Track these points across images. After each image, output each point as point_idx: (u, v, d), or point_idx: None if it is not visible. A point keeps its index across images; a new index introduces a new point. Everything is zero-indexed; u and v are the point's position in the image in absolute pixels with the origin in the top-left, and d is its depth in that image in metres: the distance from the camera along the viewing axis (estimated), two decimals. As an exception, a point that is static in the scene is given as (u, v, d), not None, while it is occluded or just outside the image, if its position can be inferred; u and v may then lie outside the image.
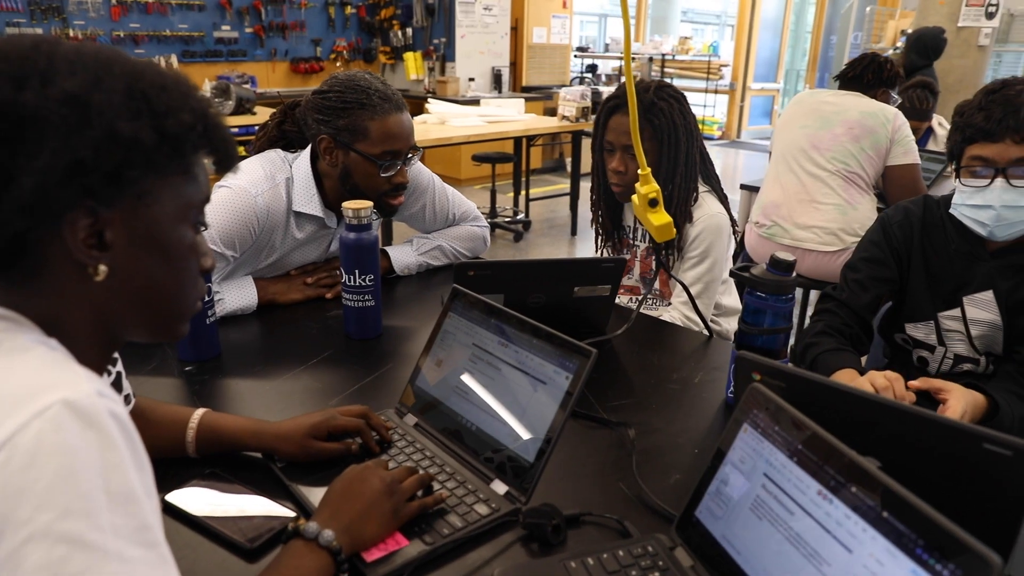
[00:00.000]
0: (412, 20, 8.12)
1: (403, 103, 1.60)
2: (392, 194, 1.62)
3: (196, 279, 0.74)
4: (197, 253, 0.73)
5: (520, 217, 6.02)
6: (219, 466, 1.03)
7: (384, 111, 1.55)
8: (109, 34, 6.69)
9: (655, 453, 1.09)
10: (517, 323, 1.03)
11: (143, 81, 0.63)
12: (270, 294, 1.62)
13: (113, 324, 0.68)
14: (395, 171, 1.59)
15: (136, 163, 0.63)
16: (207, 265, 0.75)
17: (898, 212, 1.49)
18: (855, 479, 0.68)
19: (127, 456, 0.56)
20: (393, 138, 1.56)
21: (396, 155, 1.58)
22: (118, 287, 0.65)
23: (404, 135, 1.58)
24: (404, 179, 1.62)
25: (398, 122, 1.57)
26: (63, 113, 0.58)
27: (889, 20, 8.78)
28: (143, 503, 0.56)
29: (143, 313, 0.69)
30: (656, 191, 1.25)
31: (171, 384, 1.29)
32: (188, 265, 0.71)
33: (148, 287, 0.68)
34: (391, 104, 1.56)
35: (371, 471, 0.89)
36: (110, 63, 0.62)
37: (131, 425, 0.59)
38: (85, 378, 0.58)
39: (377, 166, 1.56)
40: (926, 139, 3.78)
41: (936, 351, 1.47)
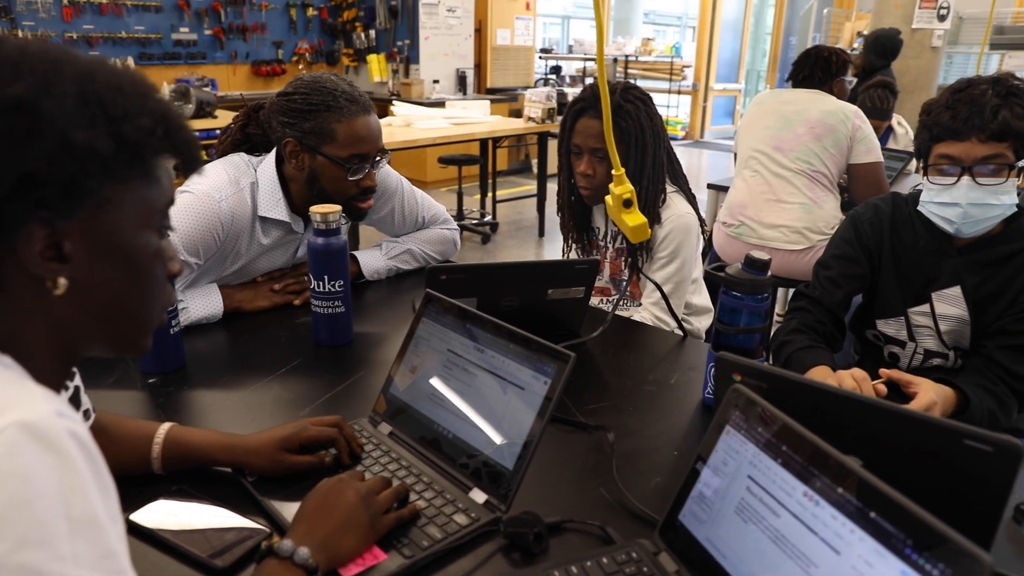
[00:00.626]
0: (375, 22, 8.05)
1: (370, 105, 1.57)
2: (360, 198, 1.59)
3: (163, 287, 0.70)
4: (163, 258, 0.69)
5: (487, 219, 6.00)
6: (187, 483, 0.99)
7: (351, 113, 1.52)
8: (61, 35, 6.50)
9: (634, 456, 1.08)
10: (492, 328, 1.01)
11: (96, 83, 0.59)
12: (236, 301, 1.57)
13: (73, 339, 0.65)
14: (363, 174, 1.56)
15: (93, 173, 0.59)
16: (175, 269, 0.72)
17: (868, 209, 1.50)
18: (841, 480, 0.67)
19: (89, 479, 0.53)
20: (361, 141, 1.53)
21: (364, 158, 1.55)
22: (79, 300, 0.62)
23: (372, 137, 1.55)
24: (372, 182, 1.59)
25: (365, 124, 1.54)
26: (9, 122, 0.54)
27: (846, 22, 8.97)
28: (107, 529, 0.53)
29: (106, 326, 0.66)
30: (630, 192, 1.24)
31: (134, 398, 1.25)
32: (154, 273, 0.68)
33: (111, 299, 0.65)
34: (358, 106, 1.53)
35: (346, 484, 0.87)
36: (59, 64, 0.58)
37: (93, 446, 0.55)
38: (42, 397, 0.54)
39: (345, 169, 1.53)
40: (886, 138, 3.86)
41: (907, 347, 1.49)
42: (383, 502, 0.88)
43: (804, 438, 0.72)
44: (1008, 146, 1.26)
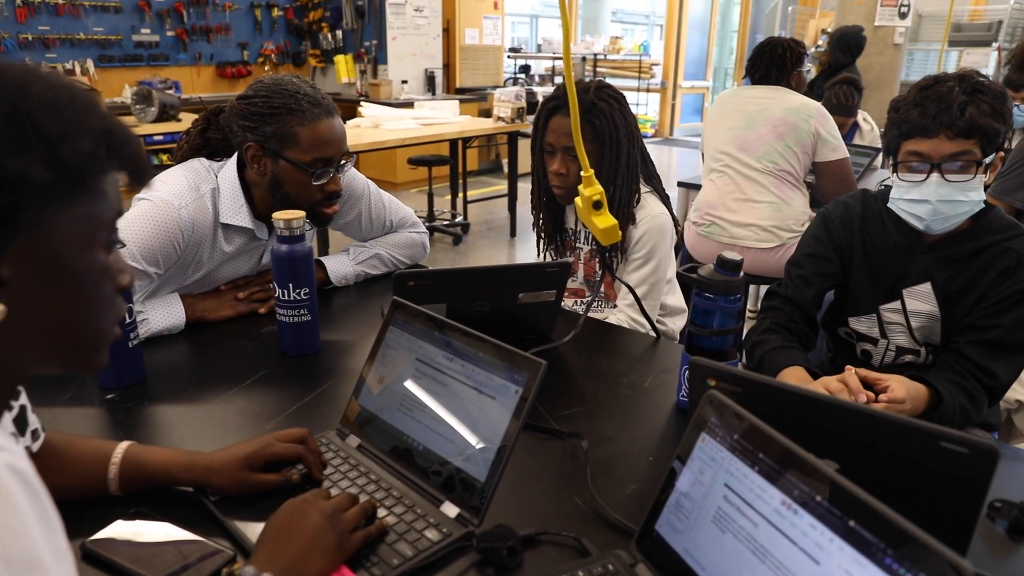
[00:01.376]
0: (342, 22, 7.97)
1: (334, 107, 1.53)
2: (326, 203, 1.55)
3: (112, 302, 0.66)
4: (111, 273, 0.65)
5: (459, 220, 5.96)
6: (146, 504, 0.95)
7: (314, 116, 1.48)
8: (15, 37, 6.32)
9: (609, 463, 1.06)
10: (462, 335, 0.99)
11: (29, 100, 0.55)
12: (199, 312, 1.52)
13: (17, 363, 0.61)
14: (328, 179, 1.52)
15: (28, 203, 0.55)
16: (124, 282, 0.68)
17: (838, 207, 1.50)
18: (819, 488, 0.66)
19: (30, 516, 0.49)
20: (324, 144, 1.49)
21: (328, 162, 1.51)
22: (21, 324, 0.58)
23: (336, 141, 1.51)
24: (337, 187, 1.55)
25: (329, 128, 1.50)
26: None
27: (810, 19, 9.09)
28: (50, 569, 0.50)
29: (53, 348, 0.62)
30: (600, 193, 1.22)
31: (91, 415, 1.20)
32: (101, 290, 0.64)
33: (56, 321, 0.61)
34: (321, 109, 1.49)
35: (310, 503, 0.83)
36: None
37: (34, 478, 0.52)
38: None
39: (308, 174, 1.49)
40: (852, 134, 3.90)
41: (879, 344, 1.49)
42: (350, 520, 0.85)
43: (780, 444, 0.71)
44: (975, 143, 1.27)
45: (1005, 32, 8.01)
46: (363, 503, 0.89)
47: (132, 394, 1.25)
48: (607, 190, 1.70)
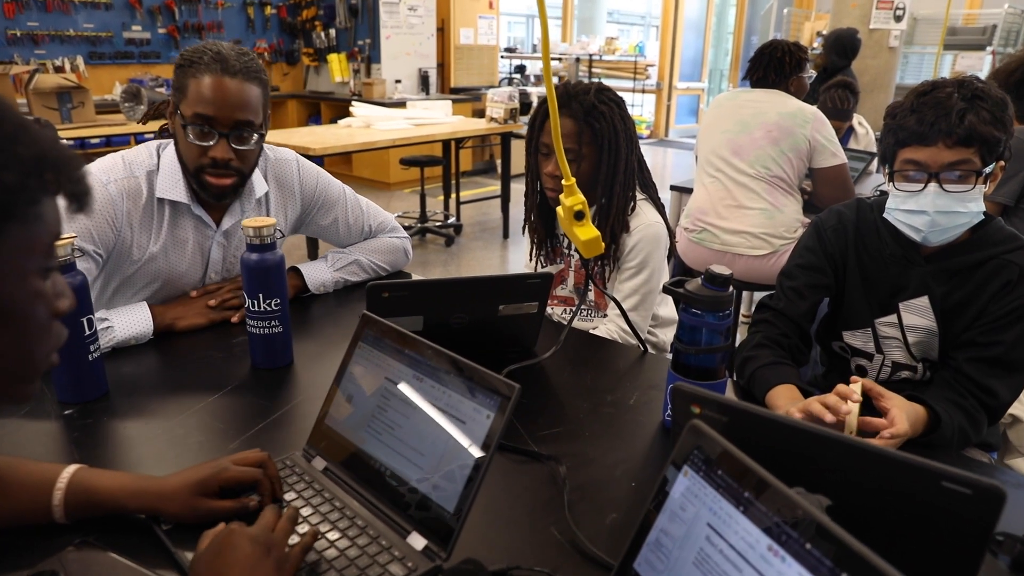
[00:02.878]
0: (335, 21, 7.90)
1: (243, 71, 1.40)
2: (211, 171, 1.43)
3: (46, 330, 0.62)
4: (46, 299, 0.60)
5: (451, 221, 5.90)
6: (94, 532, 0.89)
7: (209, 70, 1.37)
8: (3, 33, 6.25)
9: (590, 489, 1.01)
10: (432, 354, 0.93)
11: None
12: (168, 319, 1.46)
13: None
14: (208, 142, 1.41)
15: None
16: (63, 307, 0.63)
17: (832, 216, 1.45)
18: (809, 535, 0.60)
19: None
20: (205, 101, 1.38)
21: (209, 121, 1.39)
22: None
23: (224, 101, 1.38)
24: (222, 154, 1.41)
25: (217, 84, 1.37)
26: None
27: (805, 21, 9.07)
28: None
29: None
30: (582, 203, 1.16)
31: (46, 431, 1.14)
32: (32, 319, 0.59)
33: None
34: (221, 65, 1.38)
35: (237, 534, 0.76)
36: None
37: None
38: None
39: (185, 129, 1.41)
40: (847, 138, 3.85)
41: (874, 359, 1.44)
42: (281, 537, 0.79)
43: (768, 483, 0.65)
44: (975, 151, 1.21)
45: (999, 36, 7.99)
46: (287, 512, 0.83)
47: (92, 410, 1.19)
48: (604, 196, 1.65)
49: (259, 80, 1.44)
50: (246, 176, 1.49)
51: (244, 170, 1.47)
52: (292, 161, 1.68)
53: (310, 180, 1.69)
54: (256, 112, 1.43)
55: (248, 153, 1.46)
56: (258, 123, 1.44)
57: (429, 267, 5.02)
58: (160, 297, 1.54)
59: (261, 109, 1.45)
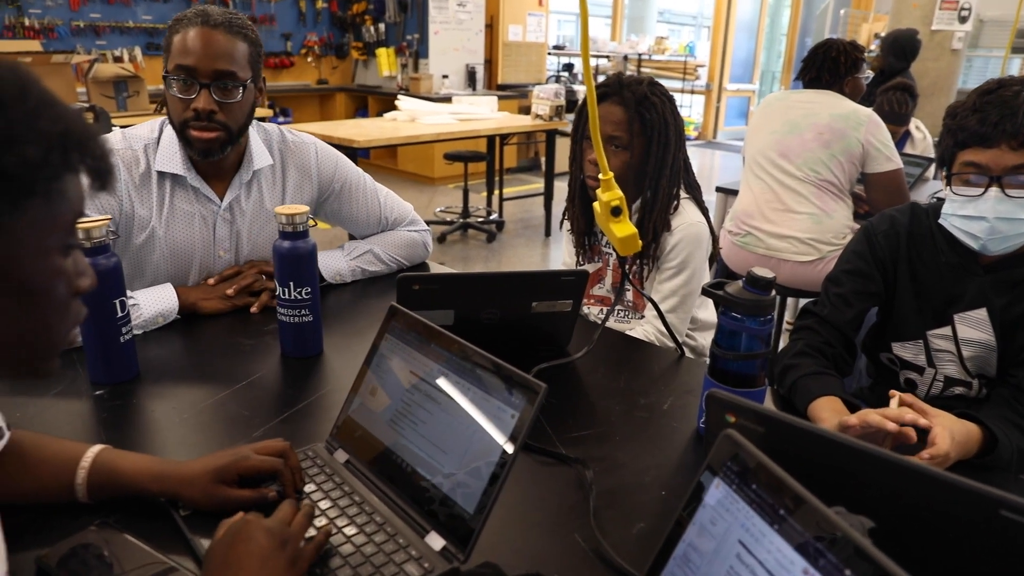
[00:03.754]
0: (385, 15, 7.96)
1: (233, 25, 1.41)
2: (195, 124, 1.42)
3: (66, 308, 0.61)
4: (66, 277, 0.59)
5: (493, 217, 5.89)
6: (114, 514, 0.88)
7: (191, 24, 1.38)
8: (68, 24, 6.45)
9: (618, 495, 0.97)
10: (459, 349, 0.90)
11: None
12: (192, 299, 1.48)
13: None
14: (190, 92, 1.40)
15: None
16: (84, 285, 0.62)
17: (883, 221, 1.38)
18: (849, 559, 0.56)
19: None
20: (186, 52, 1.38)
21: (191, 72, 1.39)
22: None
23: (203, 51, 1.38)
24: (204, 105, 1.40)
25: (200, 35, 1.38)
26: None
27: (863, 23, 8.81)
28: None
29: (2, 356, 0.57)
30: (619, 198, 1.12)
31: (77, 411, 1.14)
32: (53, 296, 0.58)
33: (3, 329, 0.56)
34: (202, 18, 1.38)
35: (253, 526, 0.75)
36: None
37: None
38: None
39: (167, 82, 1.41)
40: (903, 143, 3.72)
41: (925, 373, 1.36)
42: (298, 532, 0.78)
43: (807, 504, 0.61)
44: None
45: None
46: (304, 508, 0.82)
47: (121, 391, 1.19)
48: (649, 189, 1.61)
49: (244, 35, 1.44)
50: (233, 132, 1.47)
51: (229, 124, 1.45)
52: (310, 144, 1.67)
53: (328, 165, 1.68)
54: (241, 65, 1.43)
55: (233, 107, 1.44)
56: (243, 76, 1.44)
57: (470, 263, 5.01)
58: (176, 277, 1.55)
59: (248, 64, 1.44)
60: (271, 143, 1.62)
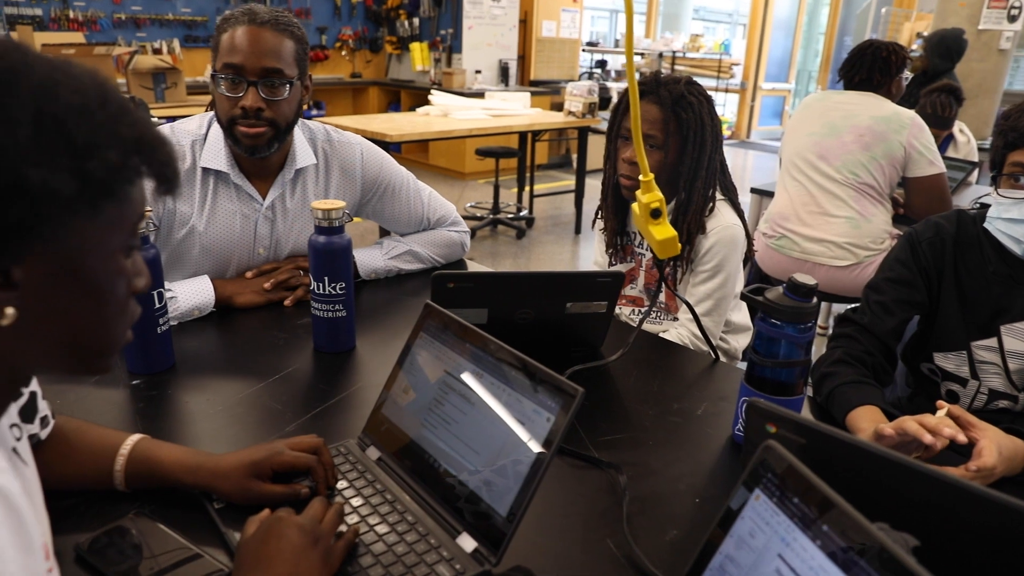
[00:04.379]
0: (419, 10, 7.97)
1: (280, 23, 1.42)
2: (242, 122, 1.43)
3: (126, 306, 0.62)
4: (127, 276, 0.60)
5: (523, 214, 5.88)
6: (150, 503, 0.89)
7: (239, 23, 1.40)
8: (110, 16, 6.57)
9: (651, 502, 0.96)
10: (495, 349, 0.90)
11: (57, 103, 0.49)
12: (228, 292, 1.49)
13: (18, 367, 0.57)
14: (238, 90, 1.42)
15: (51, 215, 0.50)
16: (140, 286, 0.63)
17: (928, 229, 1.34)
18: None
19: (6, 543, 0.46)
20: (234, 50, 1.39)
21: (239, 70, 1.40)
22: (27, 328, 0.53)
23: (251, 49, 1.39)
24: (252, 102, 1.41)
25: (248, 34, 1.39)
26: None
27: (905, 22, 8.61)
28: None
29: (58, 354, 0.58)
30: (660, 200, 1.10)
31: (114, 399, 1.16)
32: (115, 295, 0.59)
33: (67, 326, 0.56)
34: (249, 17, 1.40)
35: (285, 523, 0.76)
36: (11, 75, 0.48)
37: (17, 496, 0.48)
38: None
39: (216, 81, 1.42)
40: (945, 146, 3.63)
41: (968, 385, 1.33)
42: (329, 529, 0.78)
43: (849, 517, 0.59)
44: None
45: None
46: (335, 505, 0.82)
47: (158, 381, 1.21)
48: (685, 191, 1.59)
49: (291, 33, 1.45)
50: (280, 129, 1.47)
51: (277, 121, 1.46)
52: (356, 145, 1.68)
53: (372, 165, 1.69)
54: (287, 63, 1.44)
55: (280, 104, 1.45)
56: (290, 74, 1.45)
57: (499, 259, 5.01)
58: (213, 273, 1.56)
59: (294, 62, 1.45)
60: (315, 142, 1.63)
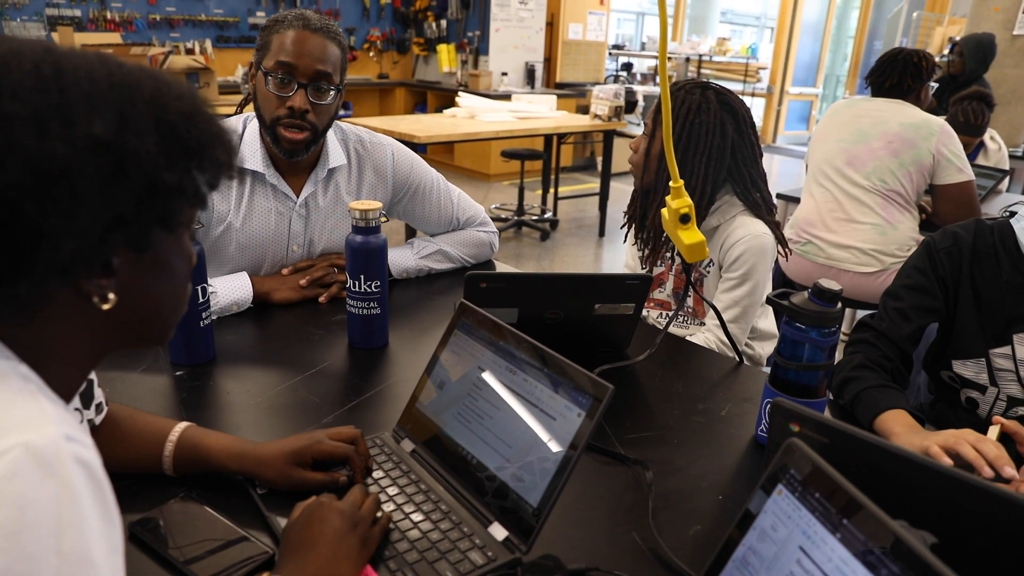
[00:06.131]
0: (447, 12, 8.04)
1: (331, 32, 1.48)
2: (287, 122, 1.48)
3: (187, 284, 0.68)
4: (190, 257, 0.67)
5: (548, 216, 5.91)
6: (197, 487, 0.94)
7: (292, 26, 1.46)
8: (145, 17, 6.71)
9: (675, 498, 0.99)
10: (527, 347, 0.93)
11: (169, 112, 0.56)
12: (265, 289, 1.55)
13: (106, 346, 0.62)
14: (287, 91, 1.46)
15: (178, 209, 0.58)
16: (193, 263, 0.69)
17: (946, 238, 1.35)
18: (911, 571, 0.57)
19: (90, 511, 0.49)
20: (287, 51, 1.44)
21: (289, 69, 1.45)
22: (118, 309, 0.59)
23: (303, 52, 1.45)
24: (300, 104, 1.46)
25: (302, 37, 1.45)
26: (96, 164, 0.51)
27: (937, 27, 8.51)
28: (99, 567, 0.49)
29: (140, 330, 0.64)
30: (689, 206, 1.13)
31: (160, 388, 1.21)
32: (183, 273, 0.66)
33: (147, 305, 0.63)
34: (303, 22, 1.46)
35: (327, 508, 0.81)
36: (128, 90, 0.54)
37: (100, 473, 0.51)
38: (54, 418, 0.50)
39: (266, 78, 1.47)
40: (976, 154, 3.60)
41: (987, 392, 1.34)
42: (367, 515, 0.84)
43: (869, 512, 0.62)
44: None
45: None
46: (372, 495, 0.88)
47: (200, 373, 1.26)
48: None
49: (338, 41, 1.51)
50: (319, 134, 1.53)
51: (318, 126, 1.51)
52: (387, 147, 1.72)
53: (403, 166, 1.73)
54: (335, 68, 1.50)
55: (324, 108, 1.51)
56: (336, 80, 1.50)
57: (523, 260, 5.05)
58: (248, 270, 1.61)
59: (339, 69, 1.51)
60: (347, 143, 1.68)
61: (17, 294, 0.52)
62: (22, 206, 0.49)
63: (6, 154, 0.48)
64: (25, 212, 0.49)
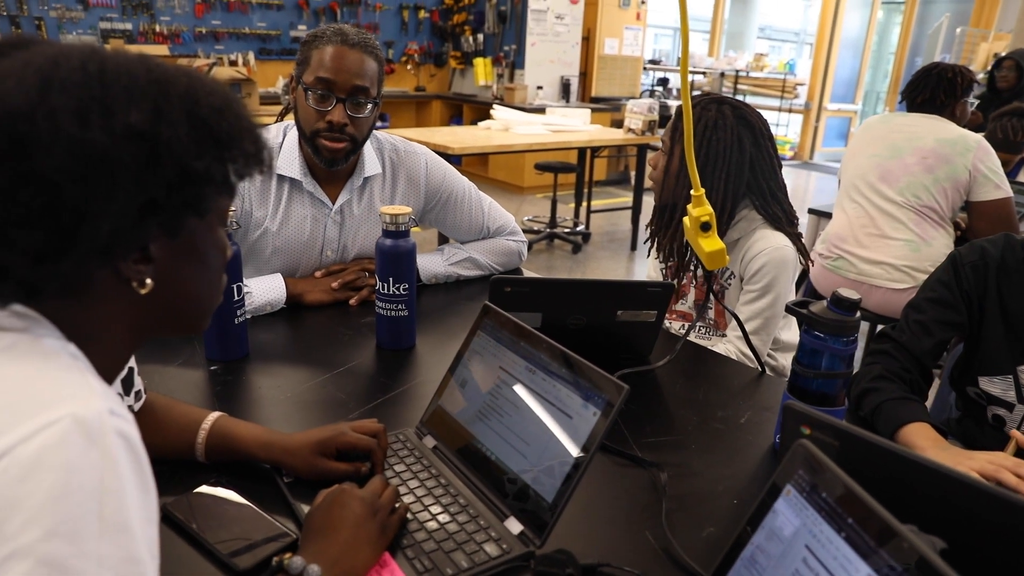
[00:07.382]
0: (484, 26, 8.14)
1: (368, 46, 1.53)
2: (327, 135, 1.53)
3: (221, 275, 0.72)
4: (224, 249, 0.71)
5: (580, 229, 5.93)
6: (227, 474, 0.98)
7: (331, 42, 1.50)
8: (192, 30, 6.91)
9: (689, 501, 1.00)
10: (547, 348, 0.96)
11: (201, 106, 0.60)
12: (298, 290, 1.60)
13: (145, 330, 0.66)
14: (326, 105, 1.51)
15: (208, 196, 0.62)
16: (228, 255, 0.73)
17: (973, 252, 1.35)
18: (915, 570, 0.58)
19: (129, 481, 0.53)
20: (326, 67, 1.49)
21: (329, 84, 1.50)
22: (156, 296, 0.63)
23: (343, 68, 1.49)
24: (338, 118, 1.51)
25: (339, 53, 1.50)
26: (132, 151, 0.55)
27: (982, 42, 8.35)
28: (136, 535, 0.52)
29: (177, 316, 0.68)
30: (709, 214, 1.15)
31: (195, 382, 1.26)
32: (218, 265, 0.70)
33: (184, 293, 0.67)
34: (341, 38, 1.51)
35: (348, 495, 0.85)
36: (164, 85, 0.58)
37: (140, 447, 0.55)
38: (100, 393, 0.55)
39: (306, 93, 1.51)
40: (1016, 171, 3.53)
41: (1015, 409, 1.32)
42: (387, 504, 0.87)
43: (876, 515, 0.63)
44: None
45: None
46: (392, 486, 0.91)
47: (233, 368, 1.31)
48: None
49: (375, 55, 1.55)
50: (358, 144, 1.58)
51: (357, 137, 1.56)
52: (421, 155, 1.77)
53: (436, 175, 1.77)
54: (372, 82, 1.55)
55: (362, 121, 1.56)
56: (373, 93, 1.55)
57: (554, 272, 5.07)
58: (283, 273, 1.65)
59: (376, 82, 1.56)
60: (383, 152, 1.73)
61: (62, 271, 0.56)
62: (66, 188, 0.53)
63: (52, 141, 0.52)
64: (68, 194, 0.53)
